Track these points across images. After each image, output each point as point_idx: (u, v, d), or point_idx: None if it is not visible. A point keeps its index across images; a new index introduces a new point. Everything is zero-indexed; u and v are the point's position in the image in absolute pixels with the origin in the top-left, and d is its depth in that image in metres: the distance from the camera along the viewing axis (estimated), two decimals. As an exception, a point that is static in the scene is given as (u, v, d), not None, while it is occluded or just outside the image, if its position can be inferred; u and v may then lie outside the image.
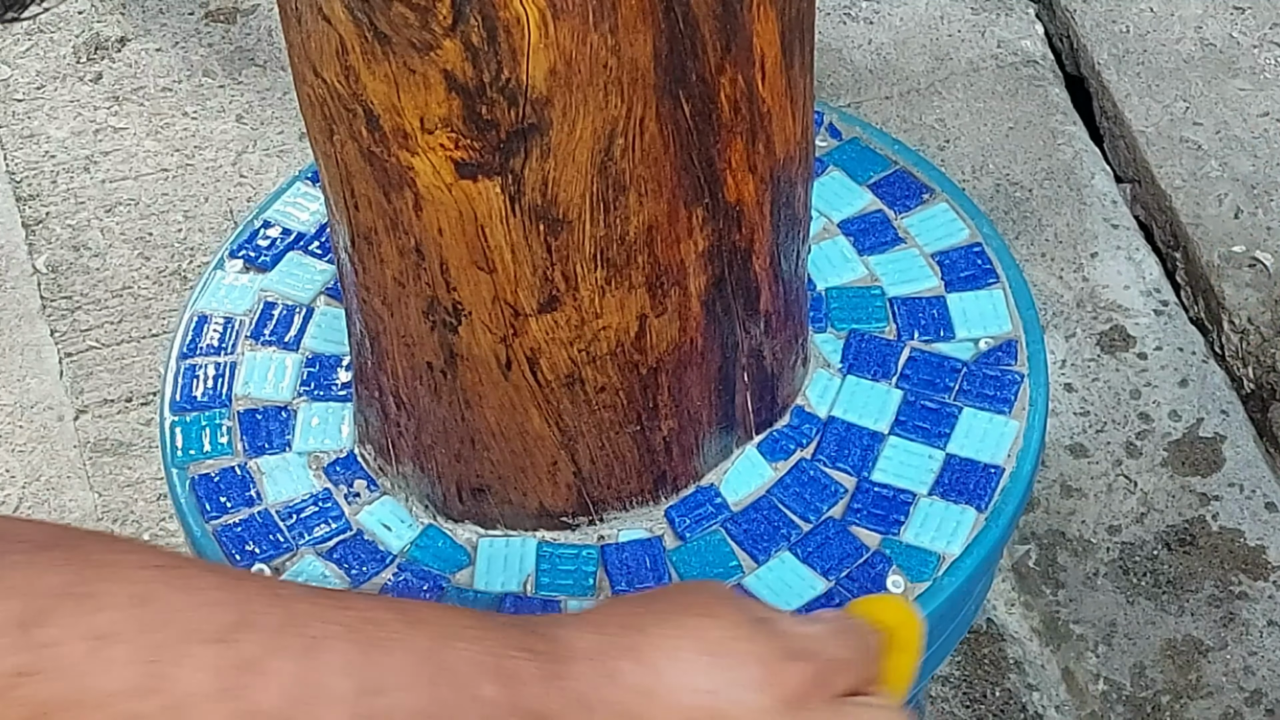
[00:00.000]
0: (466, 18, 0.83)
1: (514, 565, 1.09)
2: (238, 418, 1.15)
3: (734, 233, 1.00)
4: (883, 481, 1.12)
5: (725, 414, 1.10)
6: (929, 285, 1.20)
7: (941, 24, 2.29)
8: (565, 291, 0.97)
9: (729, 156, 0.97)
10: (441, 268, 0.95)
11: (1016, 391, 1.16)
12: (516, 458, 1.06)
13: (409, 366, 1.03)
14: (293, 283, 1.21)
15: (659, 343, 1.02)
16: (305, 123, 0.97)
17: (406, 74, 0.86)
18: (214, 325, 1.19)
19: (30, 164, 2.18)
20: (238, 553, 1.08)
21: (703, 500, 1.11)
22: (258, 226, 1.25)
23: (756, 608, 0.89)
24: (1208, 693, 1.74)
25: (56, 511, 1.88)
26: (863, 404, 1.15)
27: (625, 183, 0.93)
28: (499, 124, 0.87)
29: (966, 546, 1.09)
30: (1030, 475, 1.13)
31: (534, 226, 0.93)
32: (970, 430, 1.14)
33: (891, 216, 1.23)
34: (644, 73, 0.89)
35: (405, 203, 0.93)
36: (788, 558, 1.09)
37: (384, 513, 1.11)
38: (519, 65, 0.85)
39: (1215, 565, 1.82)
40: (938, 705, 1.74)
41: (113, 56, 2.28)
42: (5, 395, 1.98)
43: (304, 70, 0.91)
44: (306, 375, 1.17)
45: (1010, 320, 1.20)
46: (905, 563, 1.09)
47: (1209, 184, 2.11)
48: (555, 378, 1.01)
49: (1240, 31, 2.26)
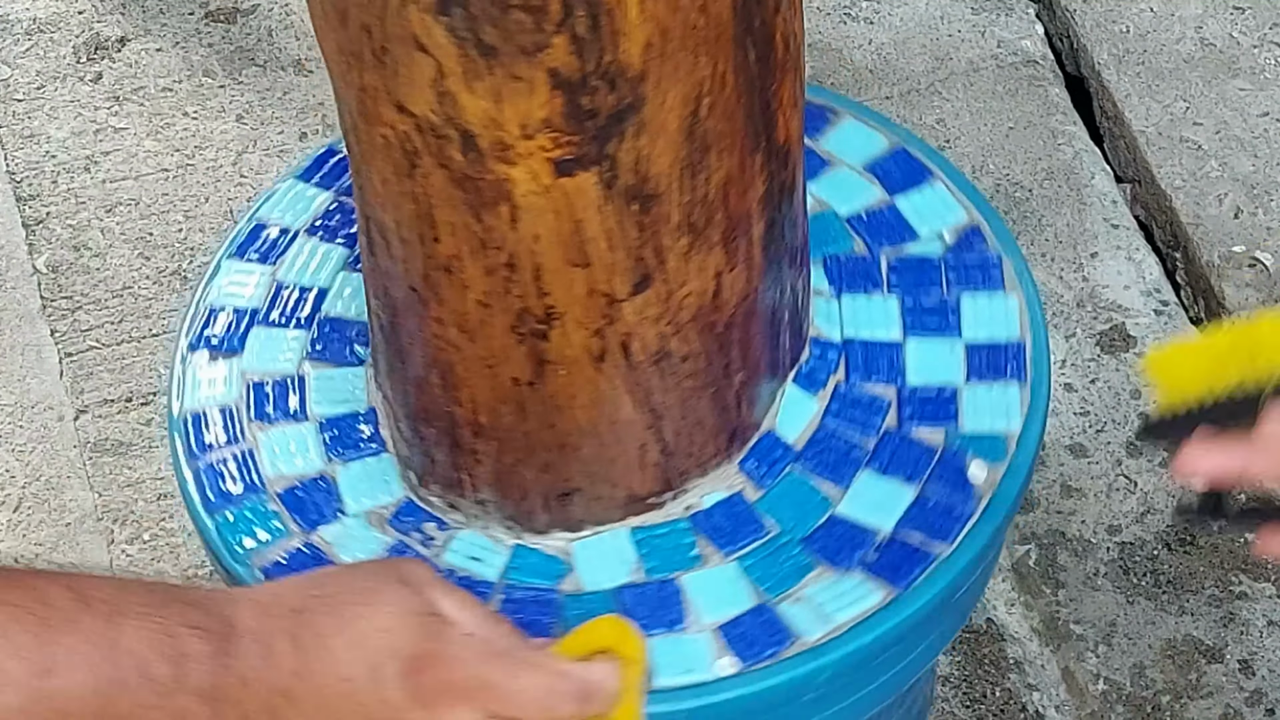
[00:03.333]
0: (573, 10, 0.83)
1: (615, 558, 1.09)
2: (279, 499, 1.12)
3: (782, 172, 1.02)
4: (920, 384, 1.15)
5: (774, 357, 1.12)
6: (875, 196, 1.23)
7: (941, 24, 2.29)
8: (655, 267, 0.97)
9: (781, 95, 0.98)
10: (535, 275, 0.95)
11: (1000, 270, 1.19)
12: (606, 450, 1.06)
13: (491, 389, 1.02)
14: (267, 359, 1.18)
15: (731, 297, 1.03)
16: (363, 170, 0.95)
17: (510, 83, 0.86)
18: (212, 419, 1.15)
19: (30, 164, 2.18)
20: None
21: (768, 446, 1.13)
22: (206, 311, 1.20)
23: (447, 601, 0.90)
24: (1208, 693, 1.74)
25: (56, 511, 1.88)
26: (868, 319, 1.17)
27: (708, 142, 0.94)
28: (599, 111, 0.88)
29: (1024, 422, 1.13)
30: (1045, 345, 1.16)
31: (627, 208, 0.94)
32: (976, 314, 1.18)
33: (809, 143, 1.24)
34: (725, 26, 0.90)
35: (499, 218, 0.92)
36: (868, 476, 1.11)
37: (467, 547, 1.10)
38: (618, 47, 0.86)
39: (1215, 565, 1.82)
40: (938, 705, 1.74)
41: (113, 56, 2.28)
42: (5, 395, 1.98)
43: (380, 112, 0.90)
44: (328, 440, 1.14)
45: (963, 209, 1.22)
46: (978, 449, 1.12)
47: (1209, 184, 2.11)
48: (645, 358, 1.02)
49: (1240, 31, 2.25)
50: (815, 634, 1.05)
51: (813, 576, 1.08)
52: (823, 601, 1.06)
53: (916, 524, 1.09)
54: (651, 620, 1.05)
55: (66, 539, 1.86)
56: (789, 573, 1.08)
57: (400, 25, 0.85)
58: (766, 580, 1.08)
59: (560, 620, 1.06)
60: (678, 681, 1.04)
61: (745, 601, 1.07)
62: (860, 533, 1.09)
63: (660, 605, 1.07)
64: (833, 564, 1.08)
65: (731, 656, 1.04)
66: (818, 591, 1.07)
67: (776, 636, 1.05)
